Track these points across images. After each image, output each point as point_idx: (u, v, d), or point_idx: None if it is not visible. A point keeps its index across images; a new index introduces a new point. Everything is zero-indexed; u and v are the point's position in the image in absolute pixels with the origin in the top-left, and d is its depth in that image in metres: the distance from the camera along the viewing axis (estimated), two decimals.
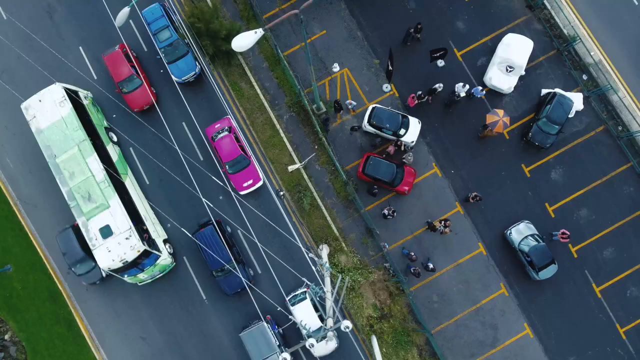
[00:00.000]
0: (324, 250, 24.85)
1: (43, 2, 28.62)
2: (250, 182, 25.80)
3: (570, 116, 26.17)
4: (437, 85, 25.61)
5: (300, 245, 19.70)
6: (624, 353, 25.31)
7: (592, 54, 25.85)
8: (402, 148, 25.66)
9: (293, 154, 26.85)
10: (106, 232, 23.71)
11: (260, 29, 13.45)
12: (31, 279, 27.40)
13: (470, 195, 25.44)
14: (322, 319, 24.12)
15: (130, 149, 27.35)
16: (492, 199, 26.26)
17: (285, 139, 27.00)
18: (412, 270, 24.83)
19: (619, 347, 25.40)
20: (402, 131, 25.42)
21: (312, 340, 14.03)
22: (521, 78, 26.55)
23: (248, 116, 27.28)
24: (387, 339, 25.49)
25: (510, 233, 25.34)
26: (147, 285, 26.19)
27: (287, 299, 24.81)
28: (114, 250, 23.49)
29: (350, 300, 25.76)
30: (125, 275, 24.65)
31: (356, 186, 26.45)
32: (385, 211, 25.48)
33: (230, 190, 23.54)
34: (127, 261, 23.70)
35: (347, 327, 14.17)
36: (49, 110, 24.53)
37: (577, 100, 26.18)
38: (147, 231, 24.97)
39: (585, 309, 25.63)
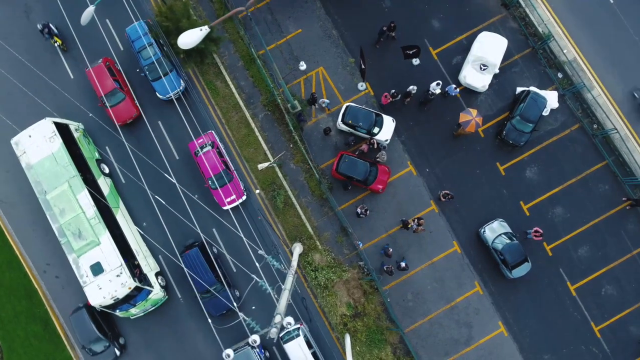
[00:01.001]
0: (297, 249, 24.82)
1: (21, 1, 28.66)
2: (234, 197, 25.56)
3: (545, 114, 26.17)
4: (410, 88, 25.56)
5: (244, 238, 19.59)
6: (599, 351, 25.26)
7: (565, 51, 25.87)
8: (376, 146, 25.65)
9: (268, 152, 26.86)
10: (97, 269, 23.63)
11: (206, 27, 13.39)
12: (7, 277, 27.45)
13: (441, 192, 25.44)
14: (315, 356, 24.08)
15: (107, 147, 27.37)
16: (467, 197, 26.23)
17: (260, 138, 27.01)
18: (384, 268, 24.80)
19: (594, 346, 25.35)
20: (375, 130, 25.42)
21: (255, 337, 14.02)
22: (496, 76, 26.57)
23: (223, 115, 27.29)
24: (361, 338, 25.46)
25: (484, 231, 25.33)
26: None
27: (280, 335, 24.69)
28: (105, 287, 23.44)
29: (324, 299, 25.75)
30: (117, 311, 24.57)
31: (331, 185, 26.45)
32: (359, 210, 25.47)
33: (185, 195, 23.11)
34: (118, 298, 23.67)
35: (289, 324, 14.17)
36: (39, 146, 24.40)
37: (552, 98, 26.16)
38: (138, 266, 24.81)
39: (560, 307, 25.60)
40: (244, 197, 25.80)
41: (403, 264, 24.81)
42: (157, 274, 25.91)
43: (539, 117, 25.27)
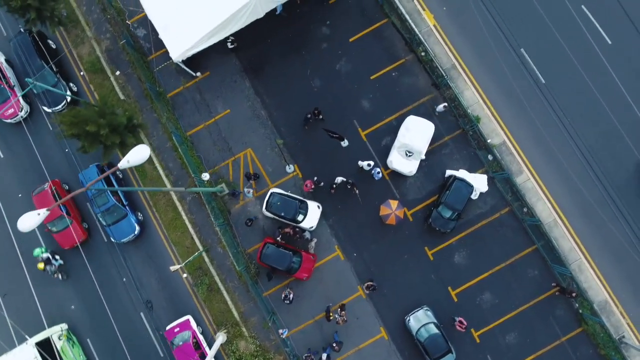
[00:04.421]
0: (219, 339, 24.73)
1: None
2: None
3: (474, 198, 25.84)
4: (337, 180, 25.30)
5: None
6: None
7: (489, 140, 25.48)
8: (299, 236, 25.41)
9: (195, 236, 26.67)
10: None
11: (45, 210, 13.03)
12: None
13: (364, 285, 25.21)
14: None
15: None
16: (395, 282, 25.96)
17: (187, 221, 26.82)
18: (304, 358, 24.62)
19: None
20: (300, 217, 25.17)
21: None
22: (426, 158, 26.09)
23: (151, 197, 27.10)
24: None
25: (409, 320, 25.07)
26: None
27: None
28: None
29: None
30: None
31: (257, 270, 26.25)
32: (283, 295, 25.30)
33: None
34: None
35: None
36: None
37: (481, 181, 25.79)
38: None
39: None
40: None
41: (324, 357, 24.59)
42: None
43: (464, 205, 24.95)
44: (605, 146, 25.59)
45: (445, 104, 25.60)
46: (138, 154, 12.78)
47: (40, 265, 25.93)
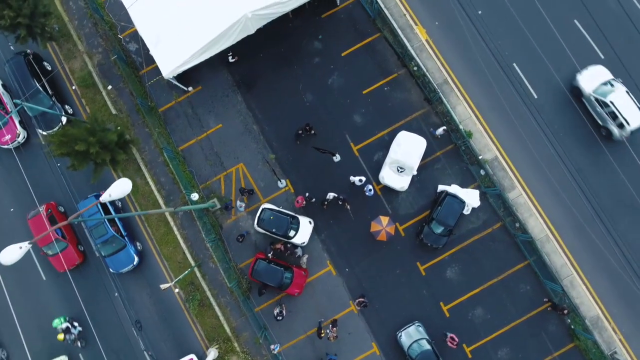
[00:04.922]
0: (211, 354, 24.73)
1: None
2: None
3: (466, 213, 25.80)
4: (329, 196, 25.26)
5: None
6: None
7: (480, 156, 25.43)
8: (289, 252, 25.37)
9: (187, 251, 26.65)
10: None
11: (27, 243, 13.04)
12: None
13: (356, 301, 25.20)
14: None
15: None
16: (387, 297, 25.93)
17: (179, 236, 26.78)
18: None
19: None
20: (291, 233, 25.14)
21: None
22: (417, 174, 26.05)
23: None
24: None
25: (401, 336, 25.04)
26: None
27: None
28: None
29: None
30: None
31: (249, 286, 26.24)
32: (275, 312, 25.28)
33: None
34: None
35: None
36: None
37: (473, 197, 25.75)
38: None
39: None
40: None
41: None
42: None
43: (455, 222, 24.91)
44: (593, 163, 25.58)
45: (445, 127, 25.52)
46: (120, 188, 12.78)
47: (60, 337, 25.72)
